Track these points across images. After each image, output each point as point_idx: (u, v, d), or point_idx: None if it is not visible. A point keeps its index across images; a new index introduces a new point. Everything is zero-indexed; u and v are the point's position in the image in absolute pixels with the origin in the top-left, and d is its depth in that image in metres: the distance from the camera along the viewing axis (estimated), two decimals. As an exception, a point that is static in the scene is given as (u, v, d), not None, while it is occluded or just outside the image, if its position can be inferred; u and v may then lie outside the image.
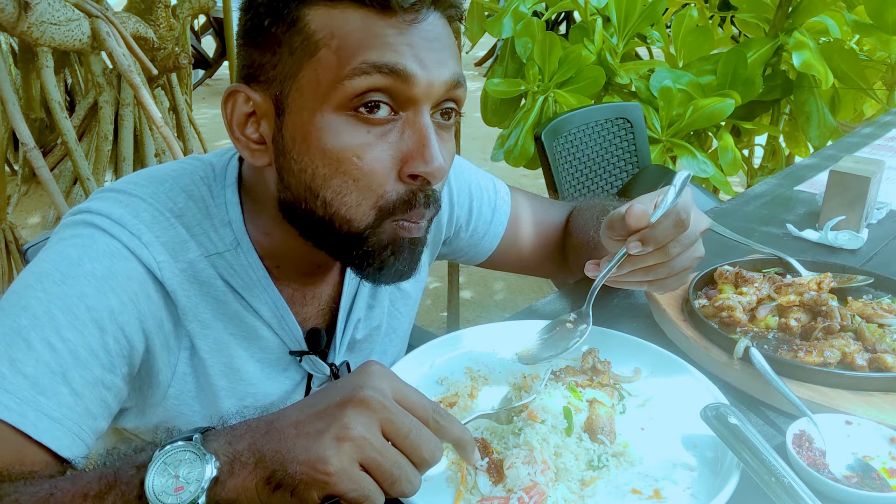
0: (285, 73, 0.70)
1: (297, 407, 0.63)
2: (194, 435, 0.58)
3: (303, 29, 0.68)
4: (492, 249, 1.10)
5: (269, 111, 0.72)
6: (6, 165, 3.74)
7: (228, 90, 0.73)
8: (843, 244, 1.29)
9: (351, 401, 0.59)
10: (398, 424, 0.59)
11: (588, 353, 0.90)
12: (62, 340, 0.67)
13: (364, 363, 0.67)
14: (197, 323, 0.77)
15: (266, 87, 0.71)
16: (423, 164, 0.70)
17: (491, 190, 1.08)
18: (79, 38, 2.61)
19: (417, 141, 0.70)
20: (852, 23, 2.62)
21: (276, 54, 0.69)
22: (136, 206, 0.76)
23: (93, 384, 0.69)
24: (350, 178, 0.70)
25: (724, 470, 0.72)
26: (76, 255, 0.71)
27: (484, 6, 3.09)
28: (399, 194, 0.72)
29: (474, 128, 5.03)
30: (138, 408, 0.79)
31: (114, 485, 0.57)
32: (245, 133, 0.74)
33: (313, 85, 0.68)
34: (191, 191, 0.79)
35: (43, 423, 0.65)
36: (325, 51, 0.67)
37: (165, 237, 0.75)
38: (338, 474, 0.56)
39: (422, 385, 0.89)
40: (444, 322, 3.14)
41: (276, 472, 0.56)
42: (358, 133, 0.69)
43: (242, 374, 0.82)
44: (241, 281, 0.79)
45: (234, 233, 0.79)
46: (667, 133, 2.70)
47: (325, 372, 0.88)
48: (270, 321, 0.82)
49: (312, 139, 0.69)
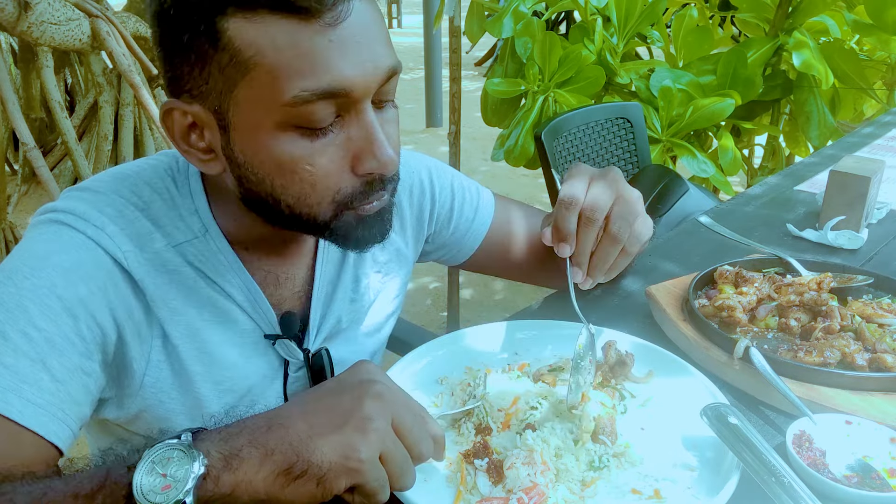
0: (219, 88, 0.68)
1: (296, 403, 0.65)
2: (183, 433, 0.60)
3: (227, 46, 0.66)
4: (474, 249, 1.10)
5: (210, 122, 0.71)
6: (6, 165, 3.74)
7: (164, 108, 0.73)
8: (843, 244, 1.29)
9: (367, 394, 0.63)
10: (405, 419, 0.64)
11: (608, 347, 0.90)
12: (37, 330, 0.69)
13: (358, 362, 0.70)
14: (167, 310, 0.79)
15: (202, 101, 0.70)
16: (374, 161, 0.72)
17: (474, 191, 1.10)
18: (79, 38, 2.61)
19: (365, 138, 0.71)
20: (852, 23, 2.62)
21: (205, 69, 0.68)
22: (100, 201, 0.77)
23: (72, 371, 0.70)
24: (307, 184, 0.72)
25: (724, 470, 0.72)
26: (43, 249, 0.73)
27: (484, 6, 3.09)
28: (355, 188, 0.74)
29: (474, 128, 5.03)
30: (117, 398, 0.80)
31: (104, 484, 0.57)
32: (191, 143, 0.74)
33: (251, 103, 0.68)
34: (154, 184, 0.81)
35: (28, 410, 0.66)
36: (258, 70, 0.66)
37: (130, 230, 0.77)
38: (367, 462, 0.60)
39: (421, 385, 0.89)
40: (444, 322, 3.14)
41: (297, 462, 0.59)
42: (305, 144, 0.70)
43: (217, 359, 0.83)
44: (211, 266, 0.81)
45: (201, 220, 0.81)
46: (667, 133, 2.69)
47: (299, 357, 0.89)
48: (244, 305, 0.83)
49: (262, 155, 0.70)
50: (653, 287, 1.08)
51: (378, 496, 0.62)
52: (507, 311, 3.29)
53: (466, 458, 0.76)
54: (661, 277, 1.11)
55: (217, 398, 0.84)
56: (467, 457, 0.76)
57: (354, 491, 0.61)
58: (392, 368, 0.90)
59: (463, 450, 0.77)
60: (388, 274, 1.01)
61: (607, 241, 0.90)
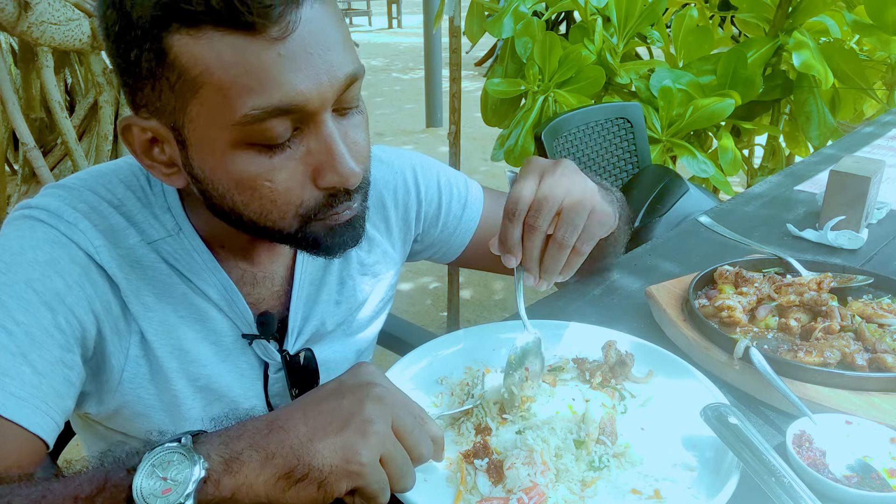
0: (172, 106, 0.67)
1: (297, 406, 0.64)
2: (183, 437, 0.60)
3: (173, 63, 0.63)
4: (464, 246, 1.08)
5: (168, 137, 0.70)
6: (6, 165, 3.74)
7: (122, 124, 0.72)
8: (843, 244, 1.29)
9: (368, 396, 0.63)
10: (405, 422, 0.64)
11: (608, 347, 0.90)
12: (16, 324, 0.69)
13: (357, 364, 0.70)
14: (140, 306, 0.78)
15: (158, 117, 0.69)
16: (335, 175, 0.69)
17: (462, 186, 1.07)
18: (79, 38, 2.61)
19: (325, 152, 0.69)
20: (852, 23, 2.62)
21: (156, 88, 0.66)
22: (73, 197, 0.77)
23: (53, 363, 0.70)
24: (267, 200, 0.70)
25: (724, 470, 0.72)
26: (17, 245, 0.73)
27: (484, 6, 3.09)
28: (318, 200, 0.72)
29: (474, 128, 5.03)
30: (97, 392, 0.80)
31: (103, 487, 0.57)
32: (153, 157, 0.73)
33: (205, 121, 0.66)
34: (129, 182, 0.81)
35: (10, 402, 0.67)
36: (207, 89, 0.64)
37: (103, 225, 0.77)
38: (368, 465, 0.60)
39: (422, 385, 0.89)
40: (444, 322, 3.14)
41: (298, 466, 0.59)
42: (263, 160, 0.68)
43: (193, 356, 0.83)
44: (186, 264, 0.81)
45: (174, 218, 0.81)
46: (667, 133, 2.69)
47: (276, 359, 0.88)
48: (220, 303, 0.83)
49: (220, 172, 0.69)
50: (653, 287, 1.08)
51: (379, 498, 0.62)
52: (507, 311, 3.29)
53: (466, 458, 0.76)
54: (661, 277, 1.11)
55: (193, 395, 0.84)
56: (467, 457, 0.76)
57: (355, 493, 0.61)
58: (392, 368, 0.90)
59: (463, 450, 0.77)
60: (376, 276, 1.00)
61: (554, 248, 0.80)
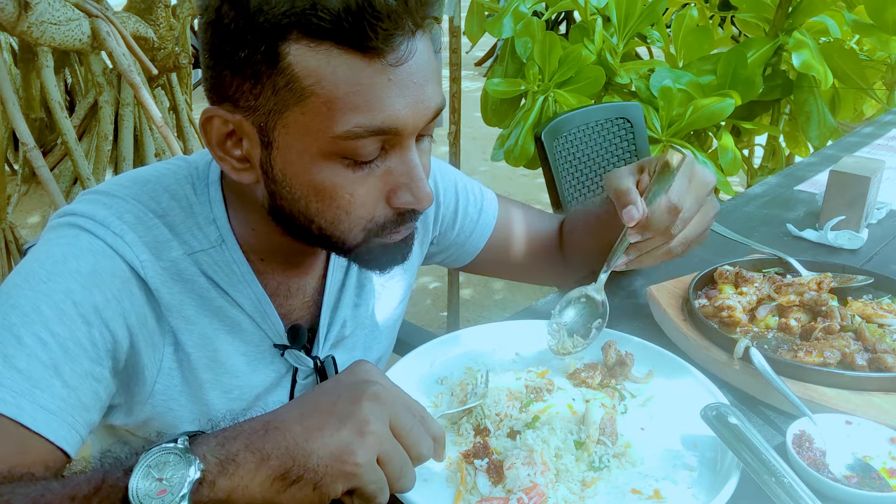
0: (269, 107, 0.68)
1: (294, 406, 0.64)
2: (179, 437, 0.59)
3: (286, 70, 0.65)
4: (478, 249, 1.10)
5: (251, 134, 0.71)
6: (6, 165, 3.75)
7: (205, 115, 0.72)
8: (843, 244, 1.29)
9: (364, 395, 0.63)
10: (404, 421, 0.63)
11: (608, 347, 0.90)
12: (52, 335, 0.68)
13: (355, 362, 0.69)
14: (181, 319, 0.79)
15: (247, 114, 0.70)
16: (412, 199, 0.73)
17: (477, 192, 1.10)
18: (79, 38, 2.61)
19: (406, 175, 0.72)
20: (852, 23, 2.62)
21: (257, 86, 0.67)
22: (120, 207, 0.77)
23: (83, 376, 0.70)
24: (342, 210, 0.72)
25: (724, 470, 0.72)
26: (61, 253, 0.73)
27: (484, 6, 3.09)
28: (387, 217, 0.75)
29: (474, 128, 5.03)
30: (126, 404, 0.80)
31: (100, 487, 0.57)
32: (227, 150, 0.74)
33: (301, 128, 0.68)
34: (174, 191, 0.80)
35: (40, 415, 0.66)
36: (314, 99, 0.66)
37: (148, 237, 0.76)
38: (364, 466, 0.59)
39: (422, 385, 0.89)
40: (444, 322, 3.14)
41: (293, 467, 0.59)
42: (348, 174, 0.70)
43: (227, 367, 0.83)
44: (224, 277, 0.81)
45: (218, 230, 0.80)
46: (667, 133, 2.69)
47: (309, 365, 0.89)
48: (254, 315, 0.83)
49: (303, 178, 0.71)
50: (653, 287, 1.08)
51: (377, 499, 0.61)
52: (507, 311, 3.29)
53: (466, 459, 0.76)
54: (661, 277, 1.11)
55: (225, 406, 0.84)
56: (467, 457, 0.76)
57: (353, 494, 0.61)
58: (392, 368, 0.90)
59: (463, 450, 0.77)
60: (392, 279, 1.00)
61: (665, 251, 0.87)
